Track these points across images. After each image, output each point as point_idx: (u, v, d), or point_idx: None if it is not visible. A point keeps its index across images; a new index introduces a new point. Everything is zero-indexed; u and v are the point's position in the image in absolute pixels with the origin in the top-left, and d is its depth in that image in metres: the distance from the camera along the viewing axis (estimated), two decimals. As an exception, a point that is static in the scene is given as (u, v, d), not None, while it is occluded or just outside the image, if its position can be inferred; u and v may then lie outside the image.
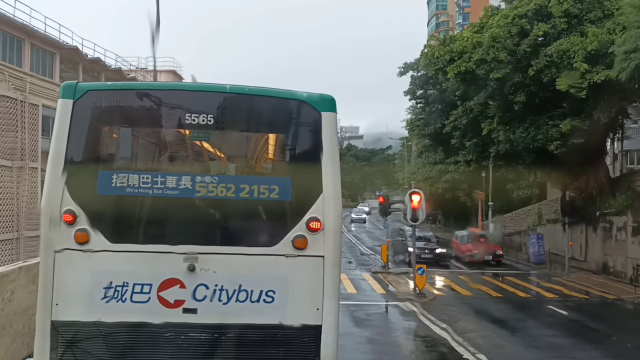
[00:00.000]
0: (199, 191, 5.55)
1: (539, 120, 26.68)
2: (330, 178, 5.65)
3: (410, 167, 75.42)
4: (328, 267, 5.62)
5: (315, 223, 5.59)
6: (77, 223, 5.45)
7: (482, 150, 30.52)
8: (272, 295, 5.56)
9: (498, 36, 25.17)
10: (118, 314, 5.45)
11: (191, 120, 5.63)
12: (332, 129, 5.71)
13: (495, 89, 27.02)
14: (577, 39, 23.77)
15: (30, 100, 32.74)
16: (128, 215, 5.59)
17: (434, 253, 32.16)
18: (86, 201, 5.46)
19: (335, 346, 5.68)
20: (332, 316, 5.64)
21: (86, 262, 5.47)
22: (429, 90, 38.48)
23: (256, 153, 6.22)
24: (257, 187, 5.61)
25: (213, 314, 5.49)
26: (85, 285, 5.48)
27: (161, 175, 5.58)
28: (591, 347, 15.52)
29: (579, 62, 23.01)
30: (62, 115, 5.58)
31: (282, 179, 5.79)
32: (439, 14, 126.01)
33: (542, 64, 24.65)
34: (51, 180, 5.53)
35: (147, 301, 5.45)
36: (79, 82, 6.11)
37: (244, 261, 5.56)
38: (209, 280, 5.51)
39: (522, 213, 41.21)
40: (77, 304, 5.46)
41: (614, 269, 27.70)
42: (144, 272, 5.47)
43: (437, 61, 28.44)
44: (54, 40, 34.81)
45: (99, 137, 5.87)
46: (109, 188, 5.52)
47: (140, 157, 6.17)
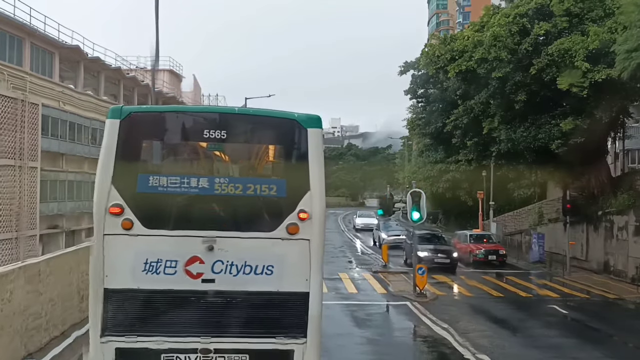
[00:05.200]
0: (215, 189, 7.06)
1: (540, 119, 26.60)
2: (316, 179, 7.13)
3: (410, 167, 75.37)
4: (314, 248, 7.13)
5: (304, 214, 7.07)
6: (124, 214, 6.91)
7: (483, 149, 30.42)
8: (271, 269, 7.06)
9: (499, 35, 25.08)
10: (153, 283, 6.94)
11: (209, 134, 7.18)
12: (317, 141, 7.21)
13: (497, 88, 26.94)
14: (578, 38, 23.68)
15: (30, 100, 32.65)
16: (161, 208, 7.06)
17: (451, 257, 28.32)
18: (129, 197, 6.95)
19: (320, 308, 7.17)
20: (317, 285, 7.17)
21: (129, 243, 6.94)
22: (429, 89, 38.40)
23: (258, 160, 7.87)
24: (259, 186, 7.15)
25: (226, 283, 6.99)
26: (128, 261, 6.94)
27: (186, 177, 7.09)
28: (592, 347, 15.45)
29: (580, 61, 22.92)
30: (111, 131, 7.03)
31: (279, 180, 7.39)
32: (439, 13, 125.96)
33: (543, 63, 24.57)
34: (102, 181, 6.97)
35: (175, 273, 6.95)
36: (124, 106, 7.84)
37: (249, 243, 7.08)
38: (223, 257, 7.01)
39: (523, 212, 41.08)
40: (122, 275, 6.93)
41: (615, 268, 27.61)
42: (173, 251, 6.96)
43: (438, 60, 28.31)
44: (54, 39, 34.70)
45: (139, 148, 7.40)
46: (146, 187, 7.01)
47: (169, 163, 7.68)
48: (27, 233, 29.74)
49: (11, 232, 29.24)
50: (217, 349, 6.93)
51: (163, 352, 6.89)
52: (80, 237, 37.30)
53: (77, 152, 36.97)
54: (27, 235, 29.79)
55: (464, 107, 30.41)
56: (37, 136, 32.10)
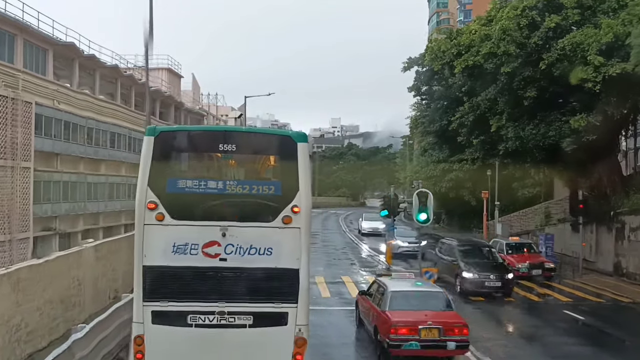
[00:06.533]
0: (227, 189, 8.96)
1: (549, 117, 25.70)
2: (304, 182, 8.98)
3: (412, 166, 74.47)
4: (303, 234, 8.97)
5: (296, 208, 8.89)
6: (157, 208, 8.74)
7: (490, 148, 29.44)
8: (271, 250, 8.88)
9: (508, 28, 24.17)
10: (180, 261, 8.75)
11: (222, 147, 9.10)
12: (305, 153, 9.08)
13: (505, 84, 26.02)
14: (590, 31, 22.75)
15: (23, 98, 31.55)
16: (186, 204, 8.89)
17: (503, 280, 21.20)
18: (161, 196, 8.79)
19: (308, 281, 9.06)
20: (305, 263, 8.96)
21: (162, 231, 8.78)
22: (433, 86, 37.40)
23: (260, 166, 9.96)
24: (261, 187, 9.12)
25: (236, 261, 8.83)
26: (161, 244, 8.77)
27: (204, 180, 8.98)
28: (610, 355, 14.82)
29: (593, 55, 21.99)
30: (147, 146, 8.92)
31: (276, 182, 9.38)
32: (440, 11, 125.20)
33: (553, 57, 23.66)
34: (142, 184, 8.81)
35: (197, 254, 8.77)
36: (157, 126, 9.82)
37: (254, 231, 8.94)
38: (233, 241, 8.81)
39: (530, 212, 40.19)
40: (157, 255, 8.75)
41: (627, 270, 26.70)
42: (195, 237, 8.77)
43: (444, 55, 27.34)
44: (48, 36, 33.75)
45: (169, 158, 9.35)
46: (174, 188, 8.89)
47: (192, 169, 9.62)
48: (18, 236, 28.84)
49: (4, 234, 28.39)
50: (230, 311, 8.86)
51: (188, 313, 8.82)
52: (76, 239, 36.36)
53: (72, 151, 36.04)
54: (18, 238, 28.89)
55: (469, 104, 29.51)
56: (30, 135, 31.22)
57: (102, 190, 39.92)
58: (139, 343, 8.76)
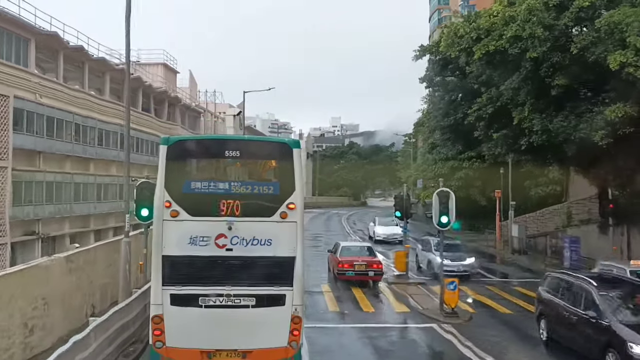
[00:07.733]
0: (232, 190, 10.52)
1: (579, 107, 23.15)
2: (299, 183, 10.62)
3: (416, 165, 71.94)
4: (298, 228, 10.54)
5: (292, 205, 10.49)
6: (172, 207, 10.31)
7: (513, 142, 26.80)
8: (270, 241, 10.42)
9: (534, 8, 21.60)
10: (194, 251, 10.31)
11: (228, 153, 10.84)
12: (299, 157, 10.74)
13: (529, 71, 23.44)
14: (629, 10, 20.19)
15: (-1, 91, 28.46)
16: (198, 202, 10.46)
17: None
18: (176, 196, 10.37)
19: (302, 267, 10.49)
20: (300, 252, 10.48)
21: (178, 226, 10.33)
22: (447, 77, 34.70)
23: (260, 169, 11.55)
24: (262, 187, 10.72)
25: (240, 251, 10.37)
26: (178, 237, 10.32)
27: (213, 182, 10.59)
28: None
29: (634, 36, 19.42)
30: (162, 153, 10.53)
31: (274, 182, 10.92)
32: (441, 8, 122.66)
33: (587, 40, 21.11)
34: (160, 186, 10.43)
35: (207, 245, 10.31)
36: (170, 137, 11.21)
37: (256, 225, 10.46)
38: (239, 234, 10.34)
39: (547, 213, 37.57)
40: (174, 246, 10.32)
41: (664, 276, 24.14)
42: (206, 230, 10.34)
43: (461, 41, 24.74)
44: (29, 24, 31.19)
45: (182, 163, 10.92)
46: (188, 189, 10.47)
47: (202, 172, 11.14)
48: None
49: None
50: (235, 294, 10.17)
51: (200, 295, 10.16)
52: (62, 243, 33.86)
53: (58, 149, 33.49)
54: None
55: (488, 95, 26.95)
56: (7, 132, 28.71)
57: (91, 190, 37.42)
58: (157, 322, 10.14)
